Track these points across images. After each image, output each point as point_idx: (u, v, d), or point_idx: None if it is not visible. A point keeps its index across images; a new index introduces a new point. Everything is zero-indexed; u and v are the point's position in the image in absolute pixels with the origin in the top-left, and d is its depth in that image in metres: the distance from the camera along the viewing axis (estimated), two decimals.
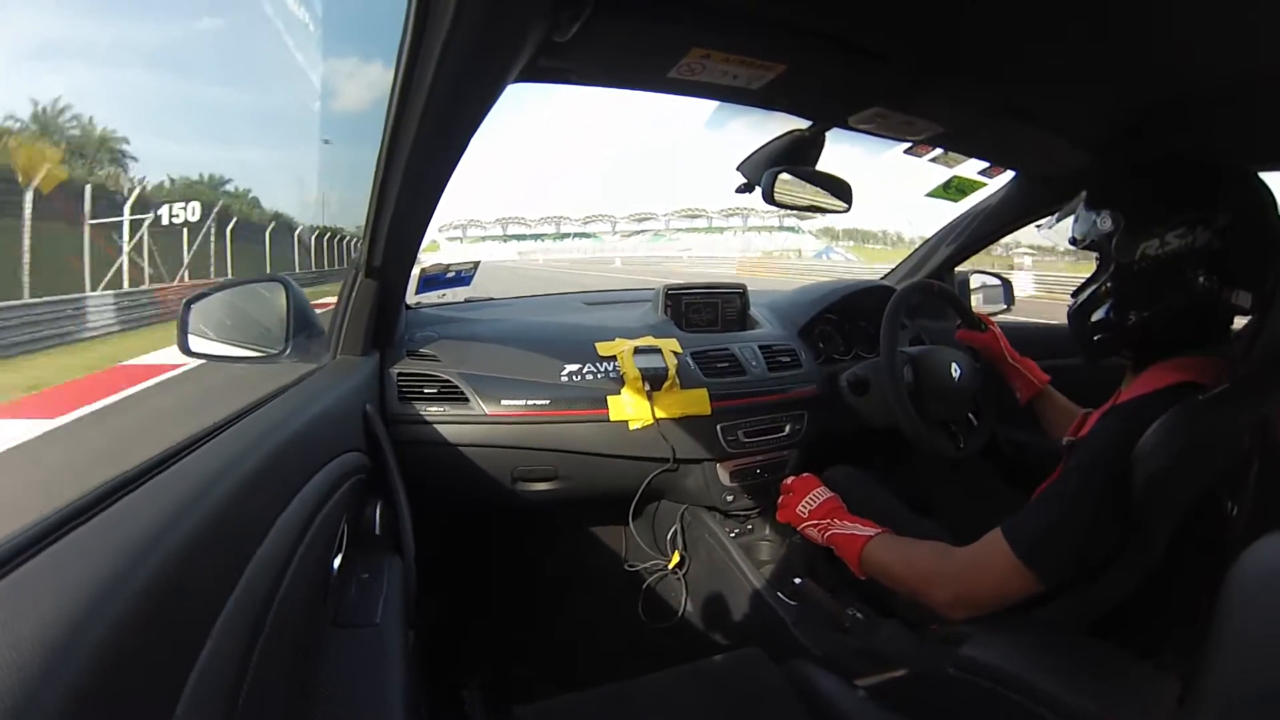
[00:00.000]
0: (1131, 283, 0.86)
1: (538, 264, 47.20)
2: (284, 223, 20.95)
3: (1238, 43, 0.75)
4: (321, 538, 0.69)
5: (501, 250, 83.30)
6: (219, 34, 37.39)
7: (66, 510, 0.43)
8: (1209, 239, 0.79)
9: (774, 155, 1.13)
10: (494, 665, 1.45)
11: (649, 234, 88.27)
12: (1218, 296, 0.80)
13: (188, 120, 30.23)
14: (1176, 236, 0.81)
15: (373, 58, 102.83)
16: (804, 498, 1.09)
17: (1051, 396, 1.24)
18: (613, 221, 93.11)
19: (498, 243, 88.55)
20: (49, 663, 0.30)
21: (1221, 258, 0.79)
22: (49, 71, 24.70)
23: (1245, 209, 0.81)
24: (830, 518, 1.04)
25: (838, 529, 1.00)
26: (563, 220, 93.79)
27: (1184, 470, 0.73)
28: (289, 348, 1.05)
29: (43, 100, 15.03)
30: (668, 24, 0.74)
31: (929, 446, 1.25)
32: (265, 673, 0.49)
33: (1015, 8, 0.73)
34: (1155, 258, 0.83)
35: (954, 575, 0.83)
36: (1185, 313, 0.83)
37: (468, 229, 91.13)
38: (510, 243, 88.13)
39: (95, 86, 26.34)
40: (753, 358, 1.46)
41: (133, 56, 26.85)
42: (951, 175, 1.41)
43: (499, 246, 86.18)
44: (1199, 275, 0.80)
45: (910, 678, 0.91)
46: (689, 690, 0.96)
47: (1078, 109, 1.03)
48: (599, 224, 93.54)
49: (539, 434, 1.27)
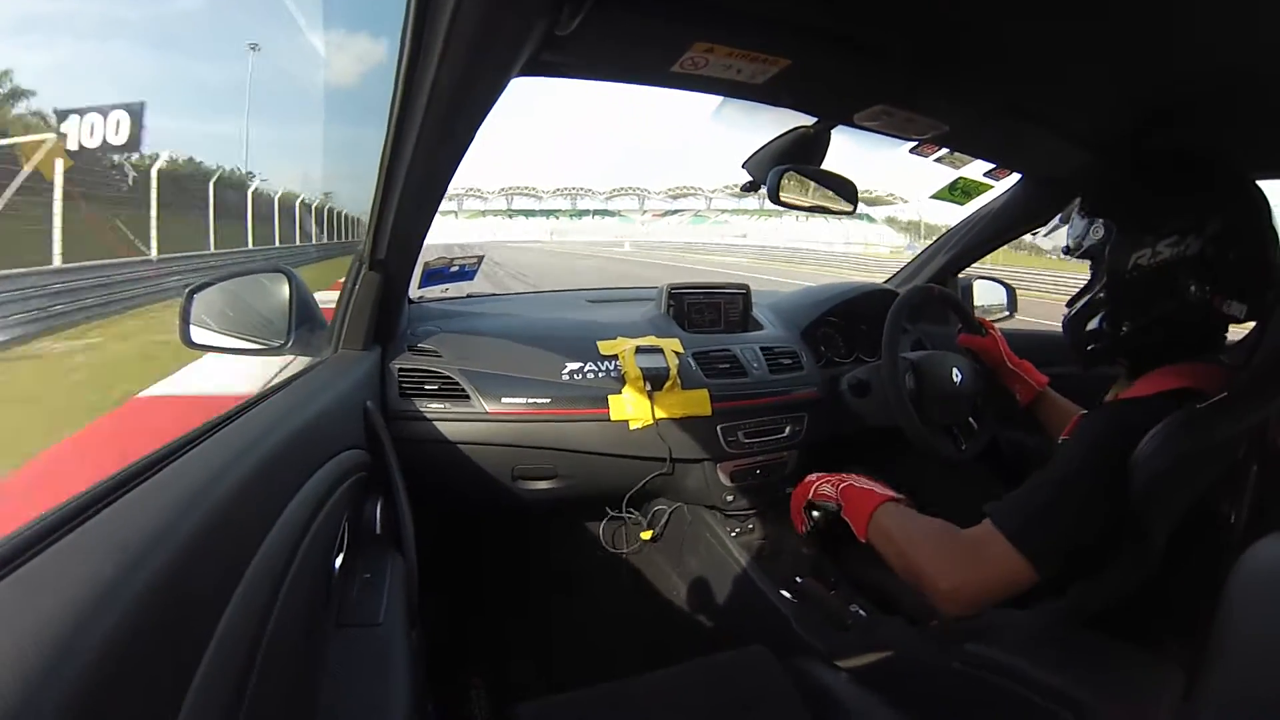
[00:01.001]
0: (1124, 292, 0.86)
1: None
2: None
3: (1244, 44, 0.75)
4: (323, 536, 0.68)
5: (507, 228, 71.31)
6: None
7: (68, 508, 0.42)
8: (1201, 247, 0.79)
9: (779, 153, 1.13)
10: (495, 663, 1.45)
11: (688, 214, 75.03)
12: (1210, 305, 0.80)
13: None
14: (1168, 245, 0.81)
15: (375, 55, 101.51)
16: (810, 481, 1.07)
17: (1051, 399, 1.24)
18: (641, 196, 78.43)
19: (501, 218, 75.62)
20: (51, 662, 0.30)
21: (1213, 266, 0.79)
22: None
23: (1237, 217, 0.81)
24: (844, 476, 1.00)
25: (853, 482, 0.97)
26: (581, 194, 79.55)
27: (1182, 476, 0.73)
28: (290, 340, 1.04)
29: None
30: (670, 18, 0.74)
31: (932, 450, 1.26)
32: (269, 673, 0.49)
33: (1020, 5, 0.72)
34: (1147, 267, 0.83)
35: (953, 564, 0.80)
36: (1179, 322, 0.83)
37: (464, 200, 76.02)
38: (517, 219, 75.48)
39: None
40: (754, 359, 1.46)
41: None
42: (957, 177, 1.41)
43: (503, 223, 73.57)
44: (1190, 284, 0.80)
45: (915, 673, 0.92)
46: (693, 687, 0.96)
47: (1082, 108, 1.03)
48: (626, 199, 79.49)
49: (539, 432, 1.27)
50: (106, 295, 9.05)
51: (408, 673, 0.68)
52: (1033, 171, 1.43)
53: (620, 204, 79.49)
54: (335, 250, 22.98)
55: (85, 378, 6.08)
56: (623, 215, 77.71)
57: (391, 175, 0.89)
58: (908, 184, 57.41)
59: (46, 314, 7.68)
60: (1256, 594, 0.42)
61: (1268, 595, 0.42)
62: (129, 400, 4.87)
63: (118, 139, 12.45)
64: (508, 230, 70.75)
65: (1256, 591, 0.42)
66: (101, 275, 9.59)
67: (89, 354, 6.99)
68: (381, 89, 0.79)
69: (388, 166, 0.87)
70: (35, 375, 6.39)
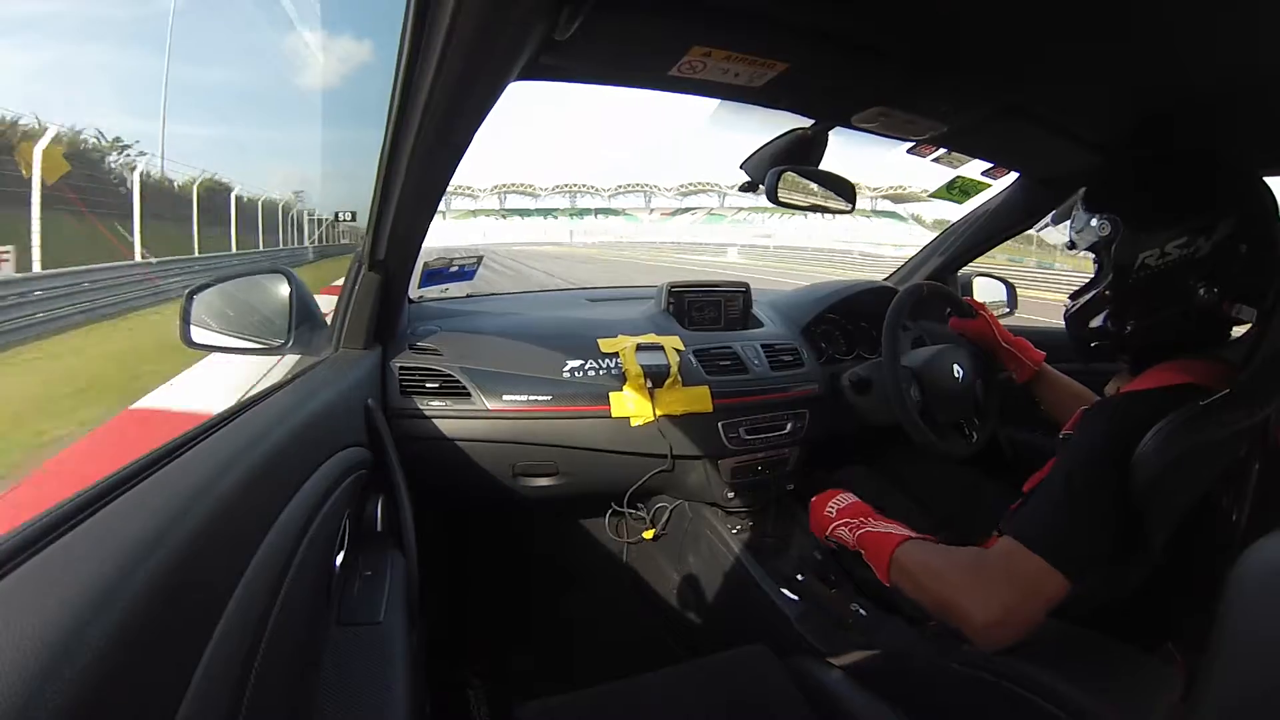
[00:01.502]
0: (1130, 291, 0.84)
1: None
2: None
3: (1246, 43, 0.75)
4: (324, 534, 0.69)
5: (500, 229, 64.48)
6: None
7: (69, 507, 0.43)
8: (1210, 250, 0.78)
9: (777, 154, 1.13)
10: (495, 660, 1.45)
11: (701, 212, 68.13)
12: (1218, 308, 0.79)
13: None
14: (1177, 247, 0.80)
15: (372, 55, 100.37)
16: (829, 502, 1.03)
17: (1050, 377, 1.23)
18: (649, 193, 70.26)
19: (493, 219, 68.78)
20: (51, 661, 0.30)
21: (1223, 269, 0.78)
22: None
23: (1247, 218, 0.79)
24: (861, 516, 0.97)
25: (870, 528, 0.93)
26: (582, 191, 72.06)
27: (1183, 474, 0.73)
28: (291, 340, 1.05)
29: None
30: (668, 22, 0.74)
31: (944, 452, 1.26)
32: (270, 671, 0.49)
33: (1019, 6, 0.72)
34: (1155, 267, 0.81)
35: (985, 592, 0.73)
36: (1185, 322, 0.82)
37: (452, 199, 68.21)
38: (511, 219, 68.64)
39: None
40: (755, 356, 1.46)
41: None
42: (955, 176, 1.40)
43: (495, 224, 67.07)
44: (1199, 287, 0.78)
45: (914, 673, 0.92)
46: (694, 687, 0.96)
47: (1082, 109, 1.02)
48: (631, 197, 71.55)
49: (540, 430, 1.27)
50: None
51: (408, 671, 0.68)
52: (1032, 171, 1.43)
53: (625, 202, 72.69)
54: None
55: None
56: (629, 215, 71.36)
57: (390, 176, 0.89)
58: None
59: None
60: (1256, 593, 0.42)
61: (1268, 595, 0.42)
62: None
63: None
64: (500, 232, 64.61)
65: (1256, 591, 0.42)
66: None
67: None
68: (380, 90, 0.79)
69: (386, 168, 0.88)
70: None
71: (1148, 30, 0.74)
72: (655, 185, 72.73)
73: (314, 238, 30.16)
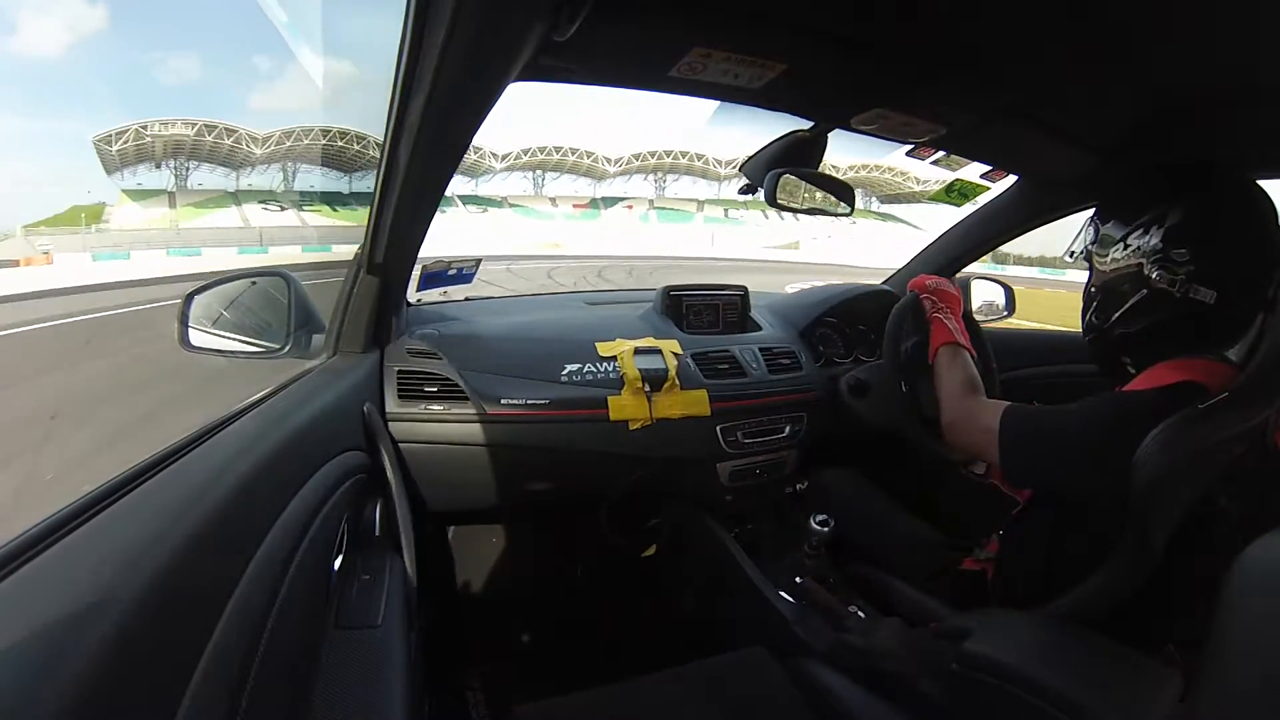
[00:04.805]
0: (1104, 287, 0.93)
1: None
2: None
3: (1245, 45, 0.75)
4: (322, 538, 0.69)
5: (479, 224, 46.20)
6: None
7: (67, 511, 0.42)
8: (1160, 236, 0.85)
9: (776, 156, 1.13)
10: (494, 664, 1.45)
11: (692, 204, 56.17)
12: (1184, 295, 0.83)
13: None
14: (1135, 238, 0.88)
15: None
16: (944, 284, 1.22)
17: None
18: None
19: (472, 209, 50.41)
20: (51, 662, 0.30)
21: (1173, 254, 0.84)
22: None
23: (1197, 208, 0.85)
24: (948, 305, 1.18)
25: (943, 316, 1.16)
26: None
27: (1183, 475, 0.74)
28: (289, 344, 1.05)
29: None
30: (668, 23, 0.74)
31: (942, 455, 1.25)
32: (267, 674, 0.49)
33: (1018, 8, 0.73)
34: (1122, 260, 0.89)
35: (958, 411, 1.02)
36: (1162, 313, 0.86)
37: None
38: (489, 210, 50.85)
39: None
40: (753, 359, 1.46)
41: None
42: (954, 178, 1.41)
43: (468, 216, 48.49)
44: (1154, 272, 0.85)
45: (913, 674, 0.92)
46: (694, 689, 0.96)
47: (1081, 112, 1.03)
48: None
49: (538, 433, 1.27)
50: None
51: (406, 674, 0.68)
52: (1031, 173, 1.43)
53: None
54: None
55: None
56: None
57: (389, 178, 0.89)
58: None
59: None
60: (1254, 592, 0.42)
61: (1265, 594, 0.42)
62: None
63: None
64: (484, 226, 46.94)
65: (1254, 590, 0.43)
66: None
67: None
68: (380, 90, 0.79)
69: (385, 170, 0.88)
70: None
71: (1146, 33, 0.74)
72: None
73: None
